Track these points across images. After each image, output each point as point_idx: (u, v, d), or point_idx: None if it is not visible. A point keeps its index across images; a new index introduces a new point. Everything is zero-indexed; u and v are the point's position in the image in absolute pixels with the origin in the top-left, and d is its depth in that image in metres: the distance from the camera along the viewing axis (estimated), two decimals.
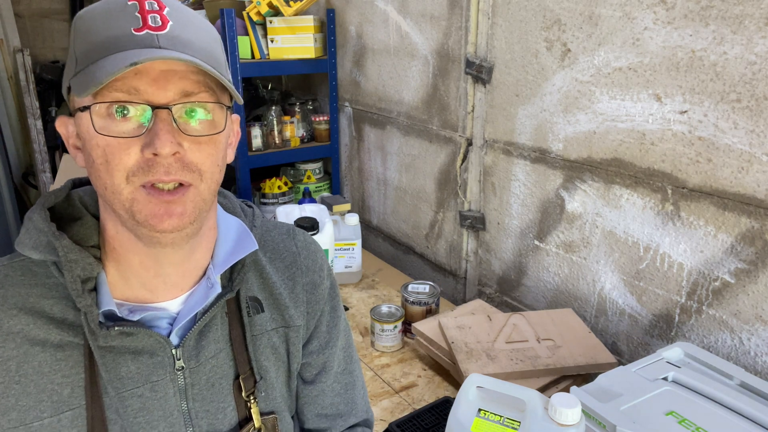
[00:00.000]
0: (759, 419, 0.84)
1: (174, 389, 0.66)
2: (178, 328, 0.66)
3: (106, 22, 0.56)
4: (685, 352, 1.03)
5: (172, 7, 0.58)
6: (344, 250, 1.74)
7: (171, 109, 0.56)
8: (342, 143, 2.36)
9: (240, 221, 0.73)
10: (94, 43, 0.55)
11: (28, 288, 0.62)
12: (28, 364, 0.60)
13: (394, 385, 1.29)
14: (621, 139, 1.24)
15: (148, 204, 0.57)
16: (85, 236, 0.64)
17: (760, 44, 0.98)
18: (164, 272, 0.65)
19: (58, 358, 0.61)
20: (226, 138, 0.63)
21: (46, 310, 0.61)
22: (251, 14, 2.07)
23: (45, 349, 0.61)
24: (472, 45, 1.59)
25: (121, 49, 0.55)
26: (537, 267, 1.54)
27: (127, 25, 0.55)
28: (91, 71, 0.54)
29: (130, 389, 0.64)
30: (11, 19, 3.52)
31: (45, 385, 0.61)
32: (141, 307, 0.65)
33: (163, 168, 0.56)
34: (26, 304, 0.61)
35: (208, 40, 0.60)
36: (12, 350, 0.60)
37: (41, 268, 0.63)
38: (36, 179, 3.68)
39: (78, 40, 0.57)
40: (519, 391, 0.82)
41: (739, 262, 1.08)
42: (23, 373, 0.60)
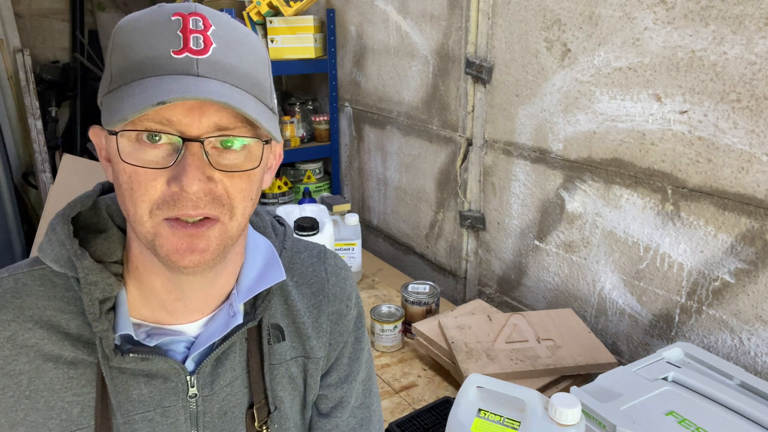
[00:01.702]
0: (759, 419, 0.84)
1: (185, 416, 0.64)
2: (196, 354, 0.64)
3: (146, 39, 0.53)
4: (685, 352, 1.03)
5: (219, 25, 0.54)
6: (344, 250, 1.74)
7: (203, 142, 0.53)
8: (342, 143, 2.36)
9: (269, 244, 0.70)
10: (130, 62, 0.52)
11: (46, 300, 0.60)
12: (39, 380, 0.59)
13: (394, 385, 1.29)
14: (621, 139, 1.24)
15: (171, 238, 0.55)
16: (108, 251, 0.62)
17: (760, 44, 0.98)
18: (185, 296, 0.63)
19: (71, 376, 0.60)
20: (262, 170, 0.60)
21: (63, 325, 0.60)
22: (251, 14, 2.07)
23: (58, 366, 0.59)
24: (472, 45, 1.59)
25: (156, 72, 0.52)
26: (537, 267, 1.54)
27: (167, 45, 0.52)
28: (120, 98, 0.52)
29: (140, 413, 0.62)
30: (11, 19, 3.52)
31: (55, 403, 0.60)
32: (159, 330, 0.63)
33: (191, 202, 0.53)
34: (43, 317, 0.59)
35: (253, 63, 0.57)
36: (24, 364, 0.59)
37: (61, 280, 0.61)
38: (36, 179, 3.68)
39: (115, 54, 0.54)
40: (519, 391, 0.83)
41: (739, 262, 1.08)
42: (34, 389, 0.59)
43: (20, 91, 3.52)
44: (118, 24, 0.55)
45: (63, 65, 3.88)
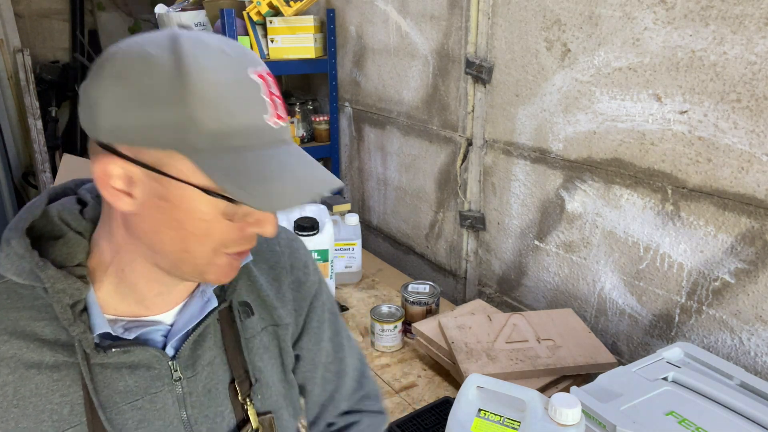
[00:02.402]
0: (759, 419, 0.84)
1: (173, 399, 0.67)
2: (174, 340, 0.67)
3: (238, 101, 0.54)
4: (685, 352, 1.03)
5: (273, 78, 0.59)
6: (344, 250, 1.74)
7: None
8: (342, 143, 2.36)
9: None
10: (230, 126, 0.54)
11: (17, 311, 0.60)
12: (24, 387, 0.60)
13: (394, 385, 1.29)
14: (621, 139, 1.24)
15: (225, 268, 0.61)
16: (68, 256, 0.62)
17: (760, 44, 0.98)
18: (169, 292, 0.66)
19: (55, 379, 0.61)
20: None
21: (38, 333, 0.60)
22: (251, 14, 2.07)
23: (41, 371, 0.60)
24: (472, 45, 1.59)
25: (264, 144, 0.56)
26: (537, 267, 1.54)
27: (261, 112, 0.55)
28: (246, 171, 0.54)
29: (129, 402, 0.64)
30: (11, 19, 3.52)
31: (44, 406, 0.61)
32: (135, 323, 0.65)
33: (255, 242, 0.61)
34: (17, 328, 0.60)
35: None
36: (7, 375, 0.59)
37: (27, 290, 0.61)
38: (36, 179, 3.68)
39: (203, 111, 0.53)
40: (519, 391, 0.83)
41: (739, 262, 1.08)
42: (21, 396, 0.60)
43: (20, 91, 3.52)
44: (188, 71, 0.53)
45: (63, 65, 3.88)
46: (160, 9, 2.43)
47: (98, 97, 0.54)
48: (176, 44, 0.54)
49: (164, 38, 0.55)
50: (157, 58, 0.53)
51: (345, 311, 1.61)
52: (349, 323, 1.55)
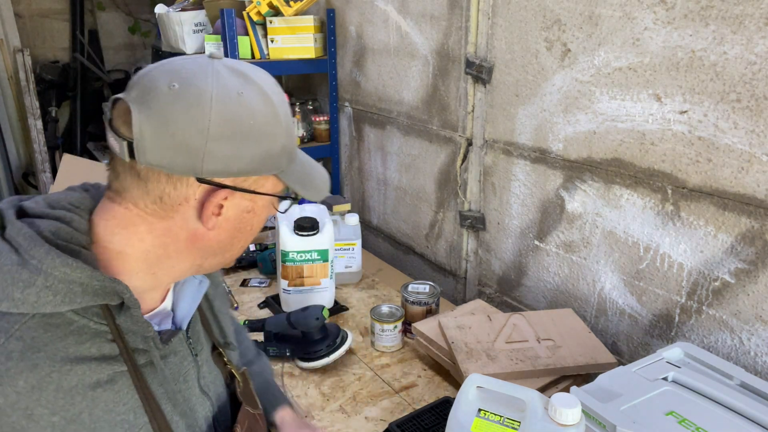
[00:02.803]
0: (759, 419, 0.84)
1: (194, 373, 0.76)
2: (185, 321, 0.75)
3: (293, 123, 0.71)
4: (685, 352, 1.03)
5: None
6: (344, 250, 1.74)
7: None
8: (342, 143, 2.36)
9: None
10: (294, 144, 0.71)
11: (62, 341, 0.60)
12: (97, 408, 0.62)
13: (394, 385, 1.29)
14: (621, 139, 1.24)
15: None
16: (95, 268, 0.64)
17: (760, 44, 0.98)
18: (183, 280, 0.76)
19: (116, 391, 0.64)
20: None
21: (87, 354, 0.61)
22: (251, 14, 2.07)
23: (105, 389, 0.63)
24: (472, 45, 1.59)
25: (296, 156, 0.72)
26: (537, 267, 1.54)
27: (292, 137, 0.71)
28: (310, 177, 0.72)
29: (172, 389, 0.71)
30: (11, 19, 3.52)
31: (116, 419, 0.64)
32: (157, 316, 0.72)
33: None
34: (70, 356, 0.60)
35: None
36: (81, 403, 0.60)
37: (57, 319, 0.60)
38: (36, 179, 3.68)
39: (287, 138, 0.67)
40: (519, 391, 0.83)
41: (739, 262, 1.08)
42: (96, 419, 0.62)
43: (20, 91, 3.52)
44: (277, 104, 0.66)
45: (63, 65, 3.88)
46: (160, 9, 2.43)
47: (203, 141, 0.60)
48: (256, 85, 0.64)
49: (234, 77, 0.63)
50: (251, 100, 0.63)
51: (345, 311, 1.61)
52: (349, 323, 1.55)
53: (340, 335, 1.33)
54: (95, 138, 4.09)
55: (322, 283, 1.54)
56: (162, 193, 0.62)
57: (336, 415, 1.18)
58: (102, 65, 4.09)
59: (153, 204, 0.63)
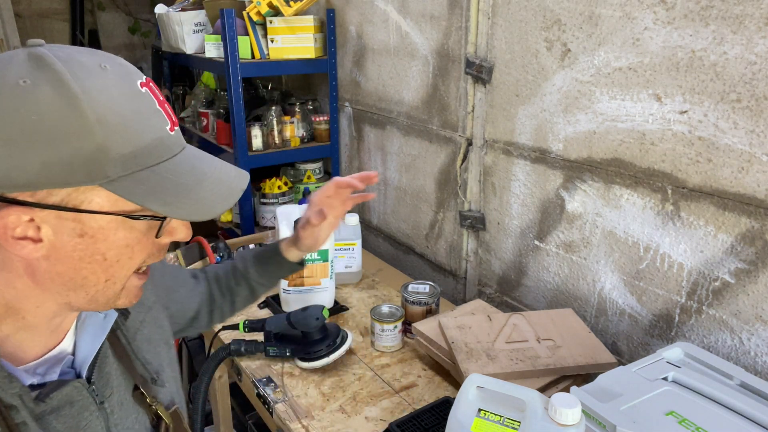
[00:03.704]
0: (759, 419, 0.84)
1: (101, 424, 0.65)
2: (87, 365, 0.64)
3: (141, 120, 0.53)
4: (685, 352, 1.02)
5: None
6: (344, 250, 1.74)
7: None
8: (342, 143, 2.36)
9: None
10: (141, 146, 0.53)
11: None
12: None
13: (394, 385, 1.29)
14: (621, 139, 1.24)
15: (134, 289, 0.60)
16: None
17: (760, 44, 0.98)
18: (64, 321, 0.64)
19: None
20: None
21: None
22: (251, 14, 2.07)
23: None
24: (472, 45, 1.59)
25: (173, 152, 0.56)
26: (537, 267, 1.54)
27: (161, 124, 0.56)
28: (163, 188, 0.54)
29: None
30: (11, 19, 3.52)
31: None
32: (46, 363, 0.62)
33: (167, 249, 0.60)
34: None
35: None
36: None
37: None
38: None
39: (110, 137, 0.51)
40: (519, 391, 0.82)
41: (739, 262, 1.08)
42: None
43: None
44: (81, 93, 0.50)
45: None
46: (160, 9, 2.43)
47: None
48: (51, 70, 0.49)
49: (25, 63, 0.49)
50: (36, 89, 0.48)
51: (345, 311, 1.61)
52: (349, 323, 1.55)
53: (340, 335, 1.33)
54: None
55: (322, 283, 1.54)
56: None
57: (336, 415, 1.18)
58: None
59: None
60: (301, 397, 1.24)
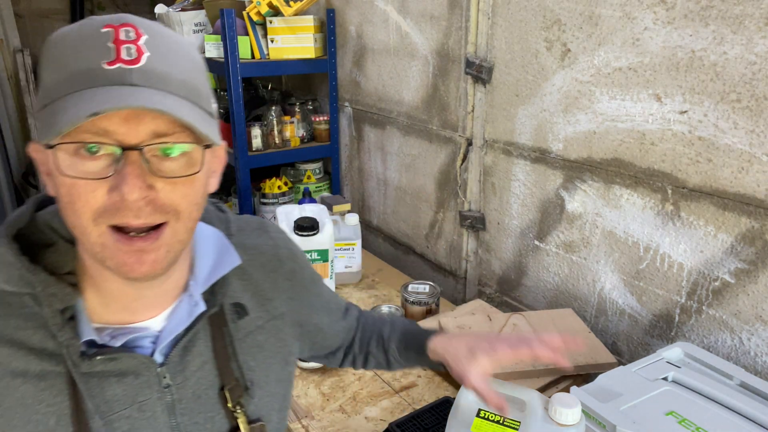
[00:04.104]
0: (759, 419, 0.84)
1: (162, 407, 0.66)
2: (163, 346, 0.65)
3: (77, 51, 0.52)
4: (685, 352, 1.03)
5: (152, 34, 0.54)
6: (344, 250, 1.74)
7: (142, 150, 0.53)
8: (342, 143, 2.36)
9: (217, 232, 0.72)
10: (62, 76, 0.52)
11: (4, 319, 0.59)
12: (10, 397, 0.59)
13: (394, 385, 1.29)
14: (621, 139, 1.24)
15: (117, 252, 0.55)
16: (59, 264, 0.62)
17: (760, 44, 0.98)
18: (143, 296, 0.64)
19: (41, 388, 0.60)
20: (205, 174, 0.60)
21: (25, 341, 0.59)
22: (251, 14, 2.07)
23: (26, 380, 0.59)
24: (472, 45, 1.59)
25: (89, 85, 0.51)
26: (537, 267, 1.54)
27: (99, 57, 0.52)
28: (53, 111, 0.51)
29: (117, 412, 0.63)
30: (11, 19, 3.52)
31: (30, 416, 0.59)
32: (122, 330, 0.64)
33: (131, 212, 0.54)
34: (4, 336, 0.59)
35: (188, 70, 0.57)
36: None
37: (15, 298, 0.60)
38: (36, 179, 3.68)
39: (47, 70, 0.53)
40: (519, 391, 0.82)
41: (739, 262, 1.08)
42: (7, 407, 0.59)
43: (20, 91, 3.52)
44: (48, 38, 0.54)
45: None
46: (160, 9, 2.43)
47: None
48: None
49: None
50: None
51: None
52: None
53: None
54: None
55: None
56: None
57: (336, 415, 1.18)
58: None
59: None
60: (301, 397, 1.24)
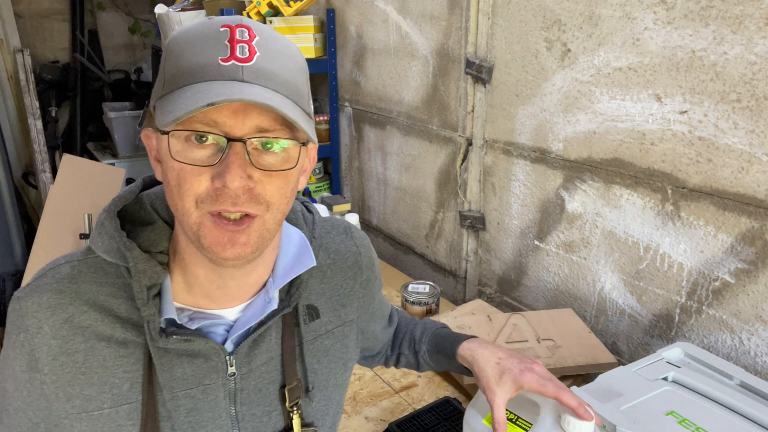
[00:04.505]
0: (759, 419, 0.84)
1: (224, 393, 0.69)
2: (234, 336, 0.69)
3: (196, 48, 0.58)
4: (685, 352, 1.02)
5: (263, 36, 0.59)
6: None
7: (245, 142, 0.58)
8: (342, 143, 2.36)
9: (301, 234, 0.76)
10: (182, 69, 0.57)
11: (99, 286, 0.65)
12: (93, 357, 0.64)
13: (394, 385, 1.29)
14: (621, 139, 1.24)
15: (213, 230, 0.60)
16: (154, 242, 0.67)
17: (760, 44, 0.98)
18: (226, 285, 0.68)
19: (121, 354, 0.64)
20: (298, 171, 0.65)
21: (114, 309, 0.64)
22: (251, 14, 2.07)
23: (110, 345, 0.64)
24: (472, 45, 1.59)
25: (206, 78, 0.56)
26: (537, 267, 1.54)
27: (216, 53, 0.57)
28: (173, 100, 0.56)
29: (183, 390, 0.67)
30: (11, 19, 3.52)
31: (107, 378, 0.64)
32: (200, 314, 0.68)
33: (230, 199, 0.58)
34: (97, 301, 0.64)
35: (293, 71, 0.64)
36: (80, 344, 0.63)
37: (113, 268, 0.65)
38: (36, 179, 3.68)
39: (168, 62, 0.59)
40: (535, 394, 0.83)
41: (739, 262, 1.08)
42: (89, 366, 0.64)
43: (20, 91, 3.52)
44: (172, 35, 0.60)
45: (63, 65, 3.88)
46: (160, 9, 2.43)
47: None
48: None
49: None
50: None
51: None
52: None
53: None
54: (95, 138, 4.09)
55: None
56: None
57: None
58: (102, 65, 4.09)
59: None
60: None
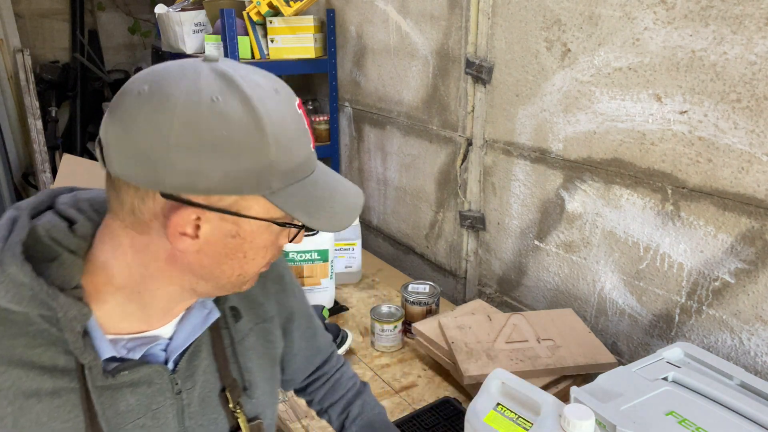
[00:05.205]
0: (759, 419, 0.84)
1: (173, 412, 0.68)
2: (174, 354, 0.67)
3: (299, 138, 0.59)
4: (685, 352, 1.02)
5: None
6: (344, 250, 1.74)
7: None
8: (342, 143, 2.36)
9: None
10: (297, 162, 0.59)
11: (11, 339, 0.58)
12: (24, 418, 0.59)
13: (394, 385, 1.29)
14: (621, 139, 1.24)
15: (254, 279, 0.67)
16: (66, 279, 0.60)
17: (760, 44, 0.98)
18: (176, 307, 0.67)
19: (55, 406, 0.60)
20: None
21: (35, 360, 0.59)
22: (251, 14, 2.07)
23: (41, 399, 0.59)
24: (472, 45, 1.59)
25: (312, 168, 0.62)
26: (537, 267, 1.54)
27: (308, 142, 0.61)
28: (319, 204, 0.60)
29: (132, 421, 0.64)
30: (11, 19, 3.52)
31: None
32: (138, 341, 0.65)
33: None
34: (13, 357, 0.58)
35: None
36: (6, 407, 0.58)
37: (19, 317, 0.59)
38: (36, 179, 3.68)
39: (278, 154, 0.56)
40: (536, 393, 0.83)
41: (739, 262, 1.08)
42: (21, 427, 0.59)
43: (20, 91, 3.52)
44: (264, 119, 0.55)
45: (63, 65, 3.88)
46: (160, 9, 2.43)
47: (164, 151, 0.53)
48: (239, 90, 0.55)
49: (215, 81, 0.55)
50: (227, 107, 0.54)
51: (345, 311, 1.61)
52: (349, 323, 1.55)
53: (340, 335, 1.33)
54: (95, 138, 4.09)
55: (322, 283, 1.54)
56: (132, 206, 0.57)
57: None
58: (102, 65, 4.09)
59: (129, 216, 0.58)
60: None
